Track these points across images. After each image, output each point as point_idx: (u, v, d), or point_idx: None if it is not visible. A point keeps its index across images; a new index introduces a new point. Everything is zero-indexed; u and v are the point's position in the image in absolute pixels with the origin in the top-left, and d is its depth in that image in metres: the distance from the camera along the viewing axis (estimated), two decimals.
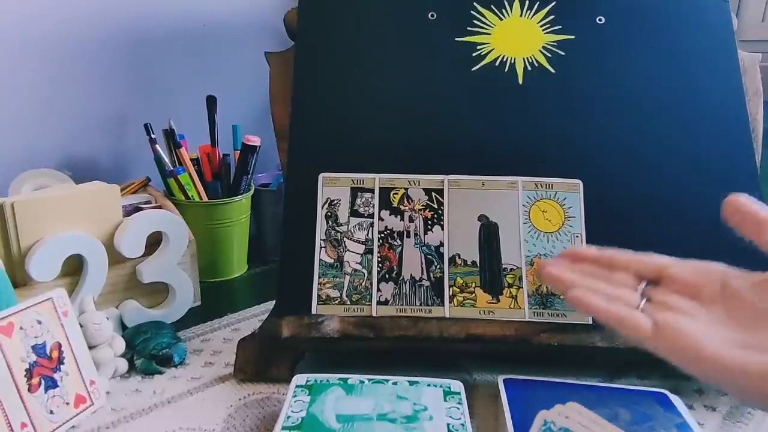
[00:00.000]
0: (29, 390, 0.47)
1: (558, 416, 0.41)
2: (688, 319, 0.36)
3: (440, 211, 0.58)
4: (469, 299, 0.56)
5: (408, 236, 0.58)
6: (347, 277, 0.57)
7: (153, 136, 0.78)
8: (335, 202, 0.58)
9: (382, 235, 0.58)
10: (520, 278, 0.56)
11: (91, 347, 0.54)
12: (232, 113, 0.86)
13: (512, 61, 0.62)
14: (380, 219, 0.58)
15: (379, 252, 0.57)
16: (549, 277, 0.41)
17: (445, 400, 0.48)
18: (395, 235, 0.58)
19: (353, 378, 0.51)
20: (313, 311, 0.56)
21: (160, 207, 0.71)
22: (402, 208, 0.58)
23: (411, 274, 0.57)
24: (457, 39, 0.62)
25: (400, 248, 0.57)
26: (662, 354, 0.36)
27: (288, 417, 0.46)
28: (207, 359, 0.61)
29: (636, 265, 0.40)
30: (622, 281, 0.40)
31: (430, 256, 0.57)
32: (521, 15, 0.63)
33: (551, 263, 0.42)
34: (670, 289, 0.38)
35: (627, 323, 0.37)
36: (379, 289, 0.56)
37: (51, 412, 0.48)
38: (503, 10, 0.63)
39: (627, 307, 0.38)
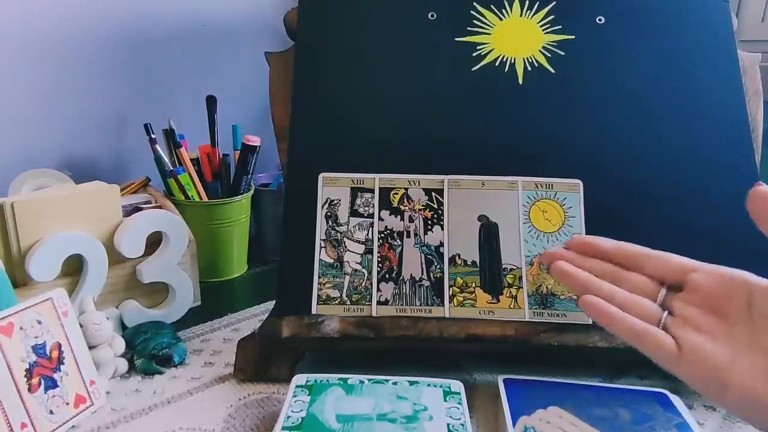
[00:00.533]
0: (29, 390, 0.47)
1: (539, 422, 0.41)
2: (712, 342, 0.33)
3: (440, 211, 0.58)
4: (469, 299, 0.56)
5: (408, 236, 0.58)
6: (347, 277, 0.57)
7: (153, 136, 0.78)
8: (335, 202, 0.58)
9: (382, 235, 0.58)
10: (520, 278, 0.56)
11: (91, 347, 0.54)
12: (232, 113, 0.86)
13: (512, 61, 0.62)
14: (380, 219, 0.58)
15: (379, 252, 0.57)
16: (560, 273, 0.37)
17: (445, 400, 0.48)
18: (395, 235, 0.58)
19: (353, 378, 0.51)
20: (313, 311, 0.56)
21: (160, 207, 0.71)
22: (402, 208, 0.58)
23: (411, 274, 0.57)
24: (457, 39, 0.62)
25: (400, 248, 0.57)
26: (683, 378, 0.34)
27: (288, 417, 0.46)
28: (207, 359, 0.61)
29: (655, 264, 0.37)
30: (640, 285, 0.36)
31: (430, 256, 0.57)
32: (521, 15, 0.63)
33: (561, 255, 0.38)
34: (692, 300, 0.35)
35: (648, 341, 0.34)
36: (379, 289, 0.56)
37: (51, 412, 0.48)
38: (503, 10, 0.63)
39: (646, 322, 0.35)
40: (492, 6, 0.63)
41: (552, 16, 0.63)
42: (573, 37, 0.62)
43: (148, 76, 0.88)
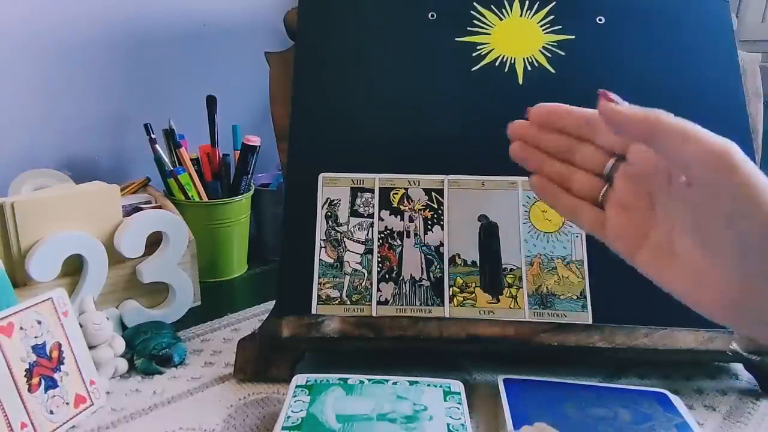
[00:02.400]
0: (29, 390, 0.47)
1: None
2: (630, 223, 0.36)
3: (440, 211, 0.58)
4: (469, 299, 0.56)
5: (408, 236, 0.58)
6: (347, 277, 0.57)
7: (153, 136, 0.78)
8: (335, 202, 0.58)
9: (382, 235, 0.58)
10: (520, 278, 0.56)
11: (91, 347, 0.54)
12: (232, 113, 0.86)
13: (512, 61, 0.62)
14: (380, 219, 0.58)
15: (379, 252, 0.57)
16: (515, 156, 0.41)
17: (445, 400, 0.48)
18: (395, 235, 0.58)
19: (353, 378, 0.51)
20: (313, 311, 0.56)
21: (160, 207, 0.71)
22: (402, 208, 0.58)
23: (411, 274, 0.57)
24: (457, 39, 0.62)
25: (400, 248, 0.57)
26: (609, 246, 0.38)
27: (288, 417, 0.46)
28: (207, 359, 0.61)
29: (606, 134, 0.39)
30: (590, 157, 0.39)
31: (430, 256, 0.57)
32: (521, 15, 0.63)
33: (523, 132, 0.41)
34: (629, 172, 0.38)
35: (577, 218, 0.39)
36: (379, 289, 0.56)
37: (51, 412, 0.48)
38: (503, 10, 0.63)
39: (581, 202, 0.39)
40: (492, 6, 0.63)
41: (552, 16, 0.63)
42: (573, 37, 0.62)
43: (148, 76, 0.88)
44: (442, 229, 0.58)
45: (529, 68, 0.61)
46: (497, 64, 0.62)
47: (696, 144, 0.33)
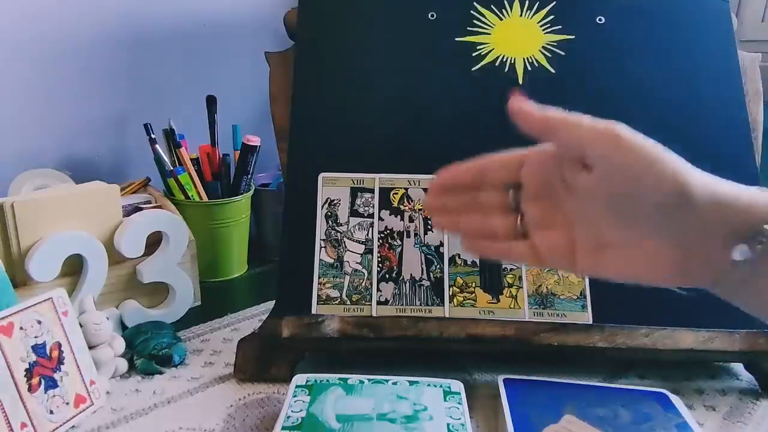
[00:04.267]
0: (29, 390, 0.47)
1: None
2: (556, 234, 0.36)
3: None
4: (469, 299, 0.56)
5: (408, 236, 0.58)
6: (347, 277, 0.57)
7: (153, 136, 0.78)
8: (335, 202, 0.58)
9: (382, 235, 0.58)
10: (520, 278, 0.56)
11: (91, 347, 0.54)
12: (232, 113, 0.86)
13: (512, 61, 0.62)
14: (380, 219, 0.58)
15: (379, 252, 0.57)
16: (439, 230, 0.45)
17: (445, 400, 0.48)
18: (395, 235, 0.58)
19: (353, 378, 0.51)
20: (313, 311, 0.56)
21: (160, 207, 0.71)
22: (402, 208, 0.58)
23: (411, 274, 0.57)
24: (457, 39, 0.62)
25: (400, 248, 0.57)
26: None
27: (288, 417, 0.46)
28: (207, 359, 0.61)
29: (492, 176, 0.40)
30: (492, 201, 0.39)
31: (430, 256, 0.57)
32: (521, 15, 0.63)
33: (433, 207, 0.41)
34: (530, 195, 0.38)
35: (514, 259, 0.39)
36: (379, 289, 0.56)
37: (51, 412, 0.48)
38: (503, 10, 0.63)
39: (510, 243, 0.38)
40: (492, 6, 0.63)
41: (552, 16, 0.63)
42: (573, 37, 0.62)
43: (148, 76, 0.88)
44: None
45: (529, 68, 0.61)
46: (497, 64, 0.62)
47: (587, 127, 0.35)
